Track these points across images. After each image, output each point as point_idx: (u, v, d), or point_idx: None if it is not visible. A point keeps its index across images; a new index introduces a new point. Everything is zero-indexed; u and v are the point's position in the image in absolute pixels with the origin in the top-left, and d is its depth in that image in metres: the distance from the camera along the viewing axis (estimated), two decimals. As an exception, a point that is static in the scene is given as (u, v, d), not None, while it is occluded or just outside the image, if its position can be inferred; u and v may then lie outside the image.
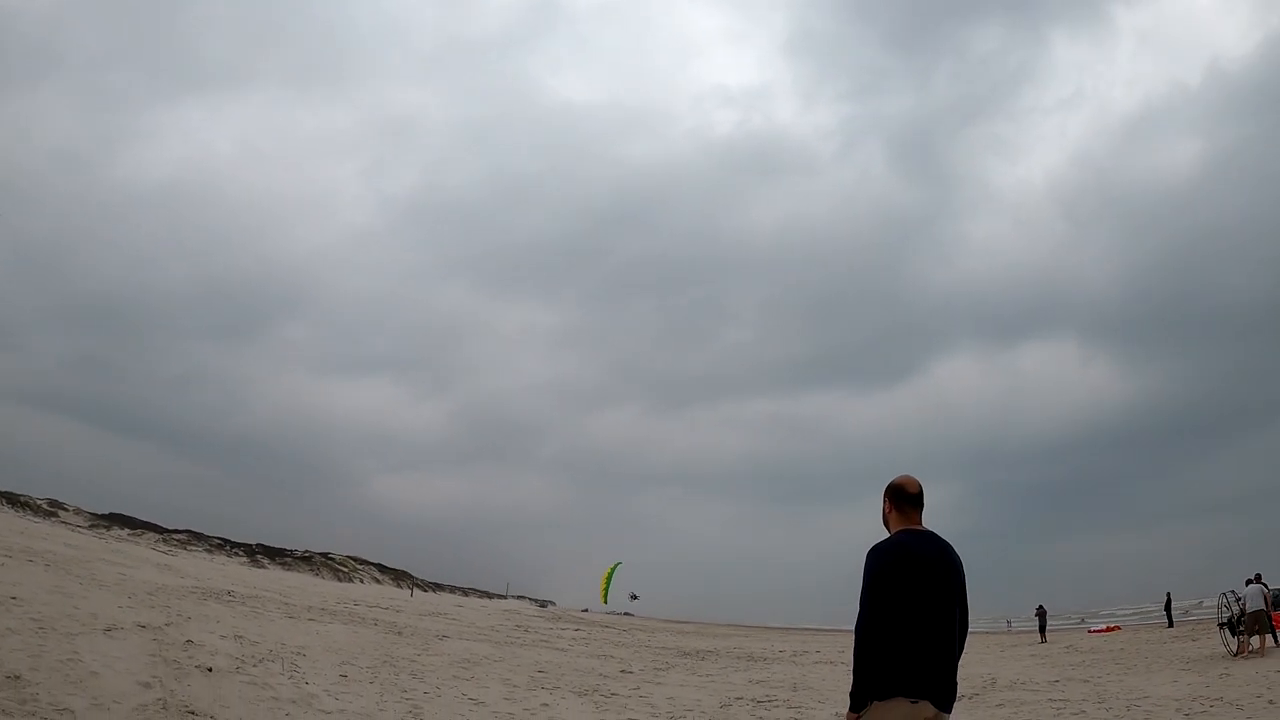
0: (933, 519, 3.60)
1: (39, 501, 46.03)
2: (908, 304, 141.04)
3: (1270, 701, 8.91)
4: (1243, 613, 15.49)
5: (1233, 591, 16.32)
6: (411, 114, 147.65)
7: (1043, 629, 30.88)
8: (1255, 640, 15.00)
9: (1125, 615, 44.04)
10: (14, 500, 43.49)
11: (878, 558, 3.38)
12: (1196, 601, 37.72)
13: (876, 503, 3.68)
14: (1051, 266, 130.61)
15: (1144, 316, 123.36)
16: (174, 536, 50.37)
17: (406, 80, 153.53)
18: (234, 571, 36.47)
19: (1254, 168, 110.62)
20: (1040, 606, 32.12)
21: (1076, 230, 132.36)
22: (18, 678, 5.95)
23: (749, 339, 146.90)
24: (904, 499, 3.56)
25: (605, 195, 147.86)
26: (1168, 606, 31.73)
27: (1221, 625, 16.20)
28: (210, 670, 8.07)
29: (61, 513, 46.15)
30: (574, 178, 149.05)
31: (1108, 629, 33.45)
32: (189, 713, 6.05)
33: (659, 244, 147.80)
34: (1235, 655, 14.96)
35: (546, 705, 9.20)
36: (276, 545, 58.12)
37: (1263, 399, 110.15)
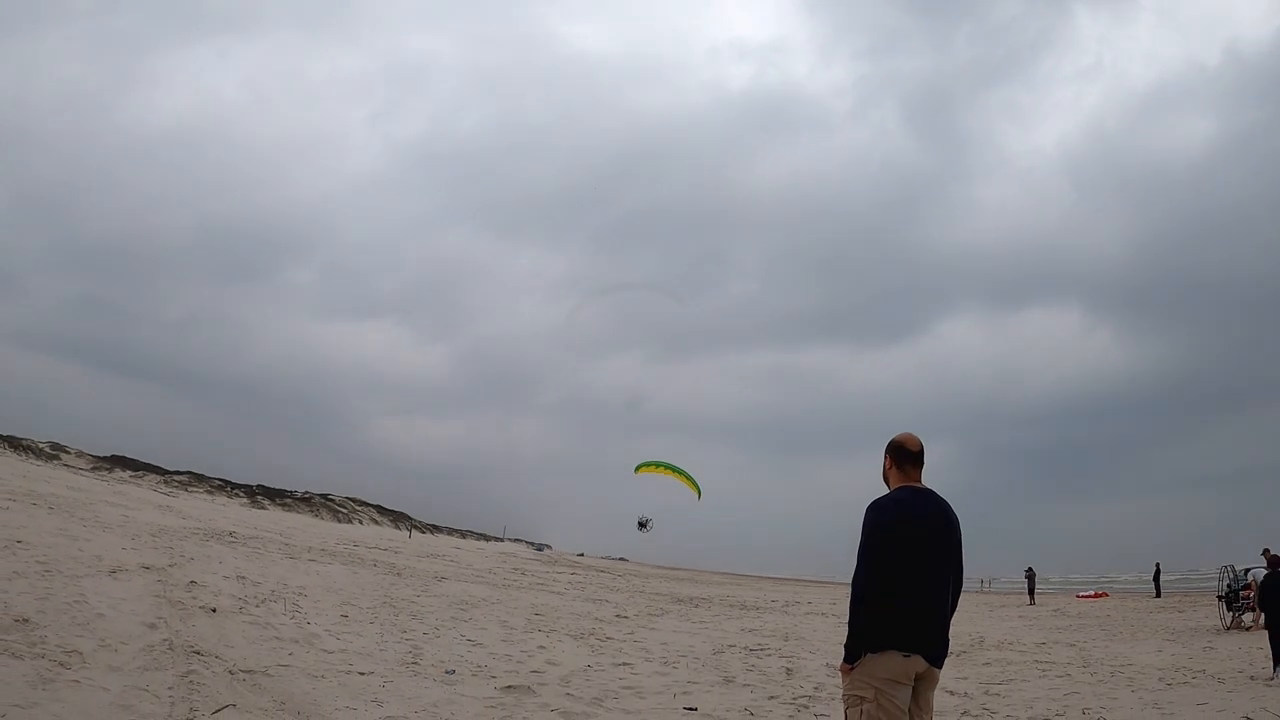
0: (929, 477, 3.62)
1: (41, 444, 46.16)
2: (914, 264, 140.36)
3: (1251, 677, 9.04)
4: (1230, 587, 15.48)
5: (1231, 567, 16.21)
6: (422, 60, 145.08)
7: (1031, 591, 31.32)
8: (1249, 617, 14.73)
9: (1111, 582, 44.72)
10: (16, 444, 43.61)
11: (877, 513, 3.42)
12: (1182, 577, 38.22)
13: (875, 459, 3.69)
14: (1059, 234, 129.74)
15: (1148, 289, 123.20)
16: (175, 478, 50.81)
17: (418, 25, 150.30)
18: (235, 513, 36.91)
19: (1266, 151, 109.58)
20: (1029, 568, 32.47)
21: (1086, 200, 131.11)
22: (26, 620, 6.02)
23: (754, 291, 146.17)
24: (904, 456, 3.58)
25: (615, 144, 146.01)
26: (1156, 576, 32.10)
27: (1220, 597, 15.98)
28: (214, 611, 8.22)
29: (63, 455, 46.33)
30: (584, 126, 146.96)
31: (1096, 595, 33.91)
32: (194, 652, 6.14)
33: (668, 194, 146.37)
34: (1229, 629, 14.82)
35: (543, 648, 9.38)
36: (277, 486, 58.76)
37: (1260, 378, 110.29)
